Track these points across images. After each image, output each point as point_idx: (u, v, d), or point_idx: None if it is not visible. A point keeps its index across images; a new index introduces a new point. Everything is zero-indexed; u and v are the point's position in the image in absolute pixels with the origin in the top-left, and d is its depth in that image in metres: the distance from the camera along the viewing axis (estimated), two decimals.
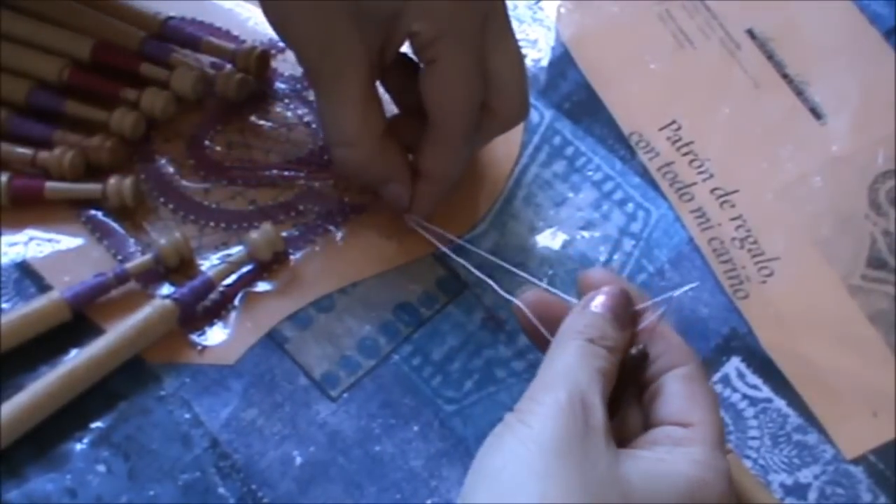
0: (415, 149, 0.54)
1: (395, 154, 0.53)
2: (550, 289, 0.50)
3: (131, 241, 0.56)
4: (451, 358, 0.54)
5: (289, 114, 0.60)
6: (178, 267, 0.55)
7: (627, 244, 0.57)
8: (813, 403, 0.54)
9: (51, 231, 0.56)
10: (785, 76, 0.63)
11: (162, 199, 0.57)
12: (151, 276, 0.54)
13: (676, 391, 0.43)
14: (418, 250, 0.56)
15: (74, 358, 0.51)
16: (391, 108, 0.56)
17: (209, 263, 0.55)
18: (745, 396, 0.53)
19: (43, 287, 0.54)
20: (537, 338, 0.46)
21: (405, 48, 0.52)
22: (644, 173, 0.60)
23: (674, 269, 0.57)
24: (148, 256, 0.54)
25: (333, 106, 0.52)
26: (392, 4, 0.49)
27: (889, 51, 0.64)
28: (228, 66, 0.60)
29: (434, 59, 0.50)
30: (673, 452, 0.41)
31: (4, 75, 0.57)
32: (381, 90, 0.54)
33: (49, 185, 0.55)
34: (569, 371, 0.42)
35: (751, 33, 0.64)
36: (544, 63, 0.63)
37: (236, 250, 0.55)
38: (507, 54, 0.52)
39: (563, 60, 0.63)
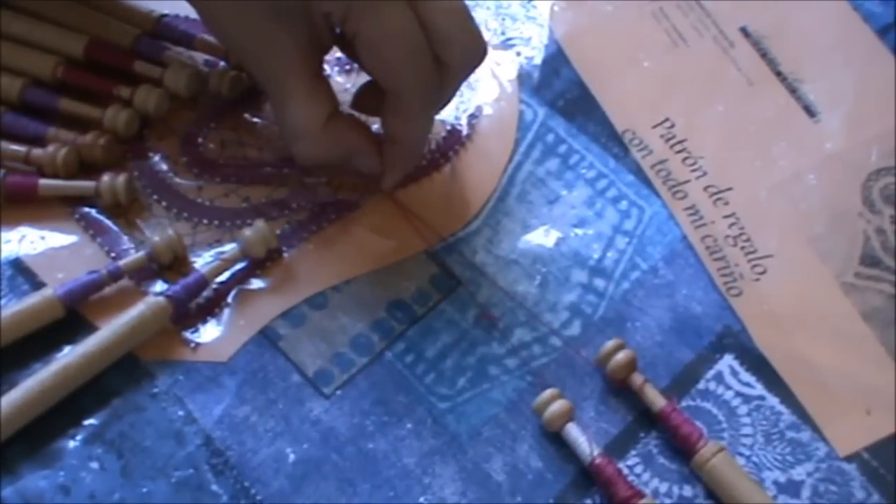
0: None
1: (351, 130, 0.54)
2: None
3: (125, 238, 0.56)
4: (445, 355, 0.54)
5: None
6: (172, 264, 0.55)
7: (621, 242, 0.58)
8: (806, 401, 0.53)
9: (44, 228, 0.56)
10: (778, 74, 0.63)
11: (155, 197, 0.57)
12: (145, 273, 0.54)
13: None
14: (412, 247, 0.56)
15: (68, 355, 0.51)
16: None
17: (203, 261, 0.55)
18: (738, 394, 0.53)
19: (36, 284, 0.54)
20: None
21: None
22: (637, 171, 0.60)
23: (667, 266, 0.57)
24: (141, 254, 0.54)
25: (278, 106, 0.53)
26: None
27: (882, 49, 0.64)
28: (222, 64, 0.60)
29: (355, 33, 0.49)
30: None
31: None
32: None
33: (42, 182, 0.55)
34: None
35: (744, 31, 0.64)
36: (538, 61, 0.63)
37: (230, 247, 0.55)
38: (437, 1, 0.50)
39: (556, 58, 0.63)
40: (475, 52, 0.52)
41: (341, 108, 0.54)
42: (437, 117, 0.59)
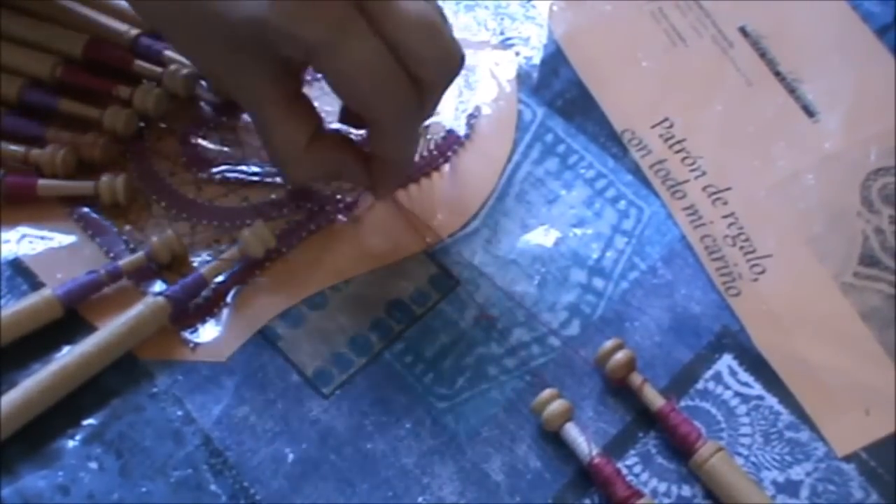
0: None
1: (335, 148, 0.52)
2: None
3: (123, 238, 0.56)
4: (444, 355, 0.54)
5: None
6: (171, 264, 0.55)
7: (620, 242, 0.58)
8: (805, 401, 0.54)
9: (43, 228, 0.56)
10: (777, 74, 0.63)
11: (154, 197, 0.57)
12: (144, 273, 0.54)
13: None
14: (410, 248, 0.56)
15: (66, 355, 0.51)
16: None
17: (201, 260, 0.55)
18: (736, 394, 0.54)
19: (35, 284, 0.54)
20: None
21: None
22: (636, 171, 0.60)
23: (666, 266, 0.57)
24: (140, 254, 0.54)
25: (259, 131, 0.52)
26: (253, 34, 0.47)
27: (881, 48, 0.64)
28: None
29: (323, 72, 0.48)
30: None
31: None
32: None
33: (41, 182, 0.55)
34: None
35: (743, 31, 0.64)
36: (536, 61, 0.63)
37: (229, 247, 0.55)
38: (399, 19, 0.47)
39: (555, 58, 0.63)
40: (449, 63, 0.50)
41: (325, 126, 0.53)
42: (436, 118, 0.59)
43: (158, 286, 0.54)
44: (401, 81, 0.48)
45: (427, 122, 0.59)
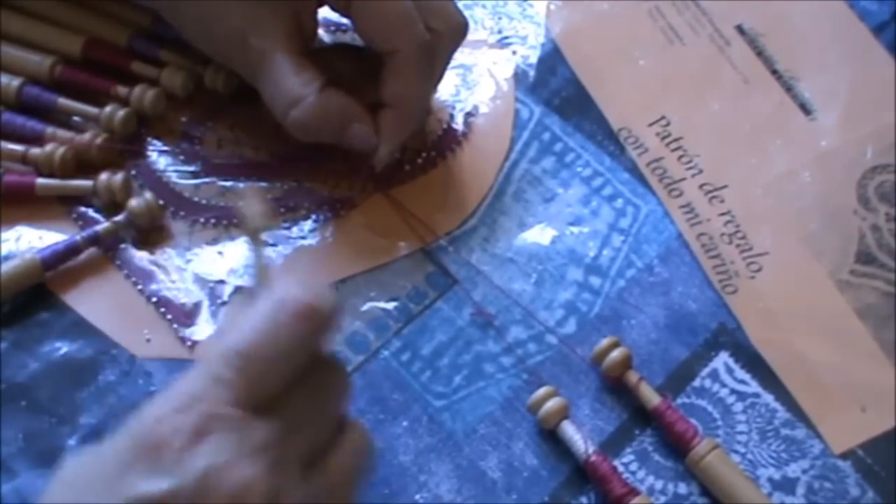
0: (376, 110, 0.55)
1: (345, 98, 0.54)
2: None
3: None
4: (440, 353, 0.54)
5: None
6: (150, 230, 0.56)
7: (616, 240, 0.58)
8: (801, 398, 0.54)
9: (41, 228, 0.56)
10: (774, 72, 0.63)
11: (152, 195, 0.57)
12: (116, 241, 0.55)
13: None
14: (408, 246, 0.56)
15: None
16: None
17: (198, 258, 0.55)
18: (733, 391, 0.54)
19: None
20: None
21: None
22: (633, 169, 0.60)
23: (663, 264, 0.57)
24: (120, 216, 0.55)
25: (272, 83, 0.54)
26: None
27: (878, 47, 0.64)
28: None
29: (346, 7, 0.53)
30: None
31: None
32: None
33: (40, 181, 0.56)
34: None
35: (740, 29, 0.64)
36: (534, 59, 0.63)
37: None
38: None
39: (552, 56, 0.63)
40: (458, 22, 0.56)
41: None
42: (433, 116, 0.59)
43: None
44: (419, 22, 0.53)
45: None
